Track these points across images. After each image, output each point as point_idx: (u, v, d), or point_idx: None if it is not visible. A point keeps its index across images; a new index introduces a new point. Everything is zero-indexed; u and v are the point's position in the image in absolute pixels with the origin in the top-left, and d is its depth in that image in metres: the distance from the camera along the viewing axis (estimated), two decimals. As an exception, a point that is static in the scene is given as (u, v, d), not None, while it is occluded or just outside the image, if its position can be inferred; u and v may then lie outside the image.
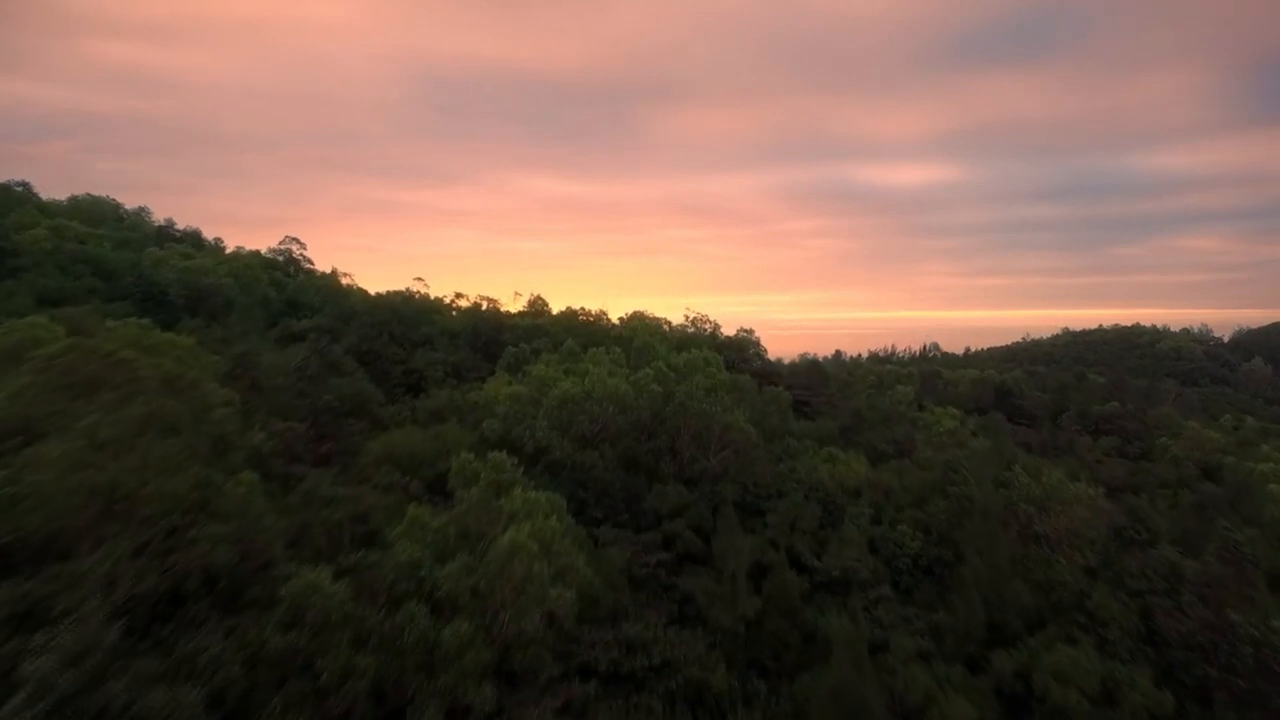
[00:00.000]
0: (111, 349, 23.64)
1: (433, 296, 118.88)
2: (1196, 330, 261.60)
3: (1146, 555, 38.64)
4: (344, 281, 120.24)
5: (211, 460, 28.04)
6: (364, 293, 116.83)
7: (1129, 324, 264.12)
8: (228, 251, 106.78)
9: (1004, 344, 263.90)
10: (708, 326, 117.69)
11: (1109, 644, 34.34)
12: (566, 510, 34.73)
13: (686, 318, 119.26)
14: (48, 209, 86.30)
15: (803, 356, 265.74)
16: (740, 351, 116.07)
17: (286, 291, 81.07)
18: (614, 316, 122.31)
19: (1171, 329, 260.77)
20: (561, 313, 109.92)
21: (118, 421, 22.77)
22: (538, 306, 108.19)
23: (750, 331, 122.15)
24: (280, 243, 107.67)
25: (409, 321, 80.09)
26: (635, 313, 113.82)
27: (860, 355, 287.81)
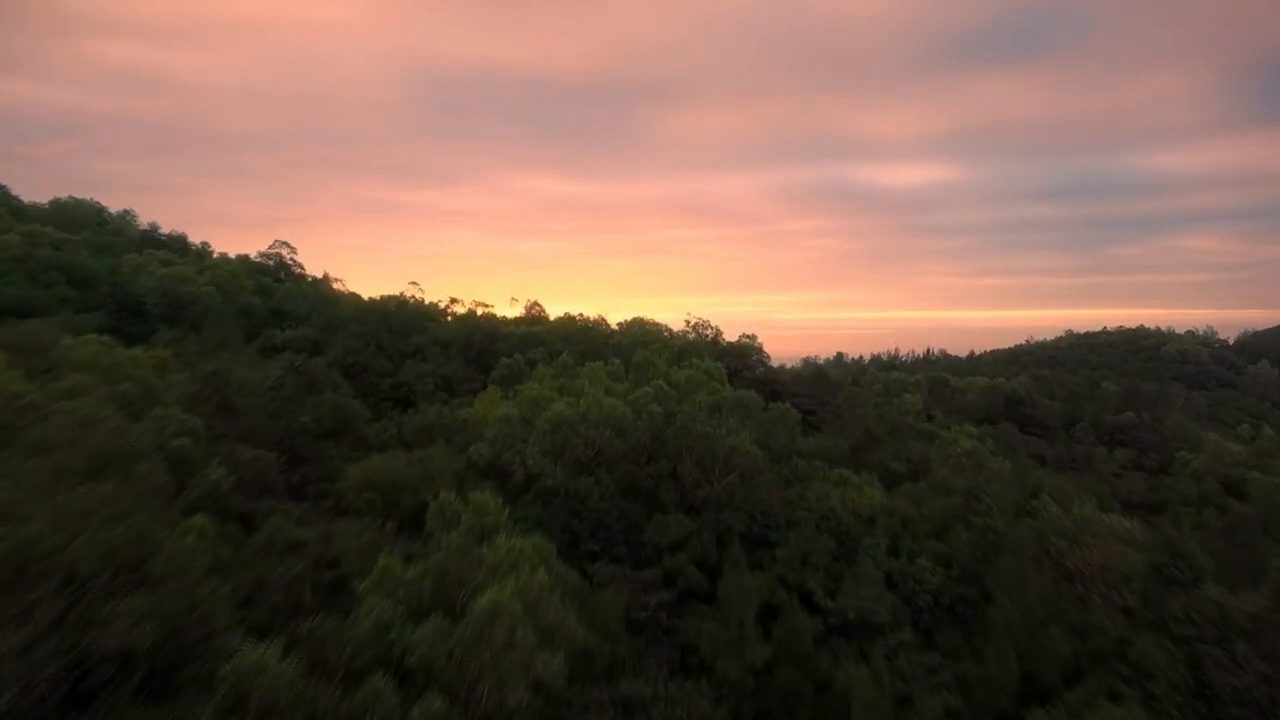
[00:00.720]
0: (20, 390, 20.41)
1: (427, 301, 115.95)
2: (1201, 333, 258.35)
3: (1190, 596, 35.34)
4: (336, 287, 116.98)
5: (156, 507, 24.71)
6: (357, 298, 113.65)
7: (1133, 326, 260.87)
8: (215, 256, 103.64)
9: (1007, 346, 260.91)
10: (709, 332, 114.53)
11: (1155, 700, 31.04)
12: (558, 552, 31.48)
13: (687, 323, 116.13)
14: (25, 213, 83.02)
15: (806, 361, 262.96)
16: (743, 358, 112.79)
17: (273, 299, 77.75)
18: (613, 322, 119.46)
19: (1176, 331, 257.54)
20: (559, 319, 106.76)
21: (31, 472, 19.45)
22: (534, 313, 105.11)
23: (753, 337, 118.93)
24: (270, 247, 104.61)
25: (399, 330, 76.82)
26: (635, 319, 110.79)
27: (862, 358, 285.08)
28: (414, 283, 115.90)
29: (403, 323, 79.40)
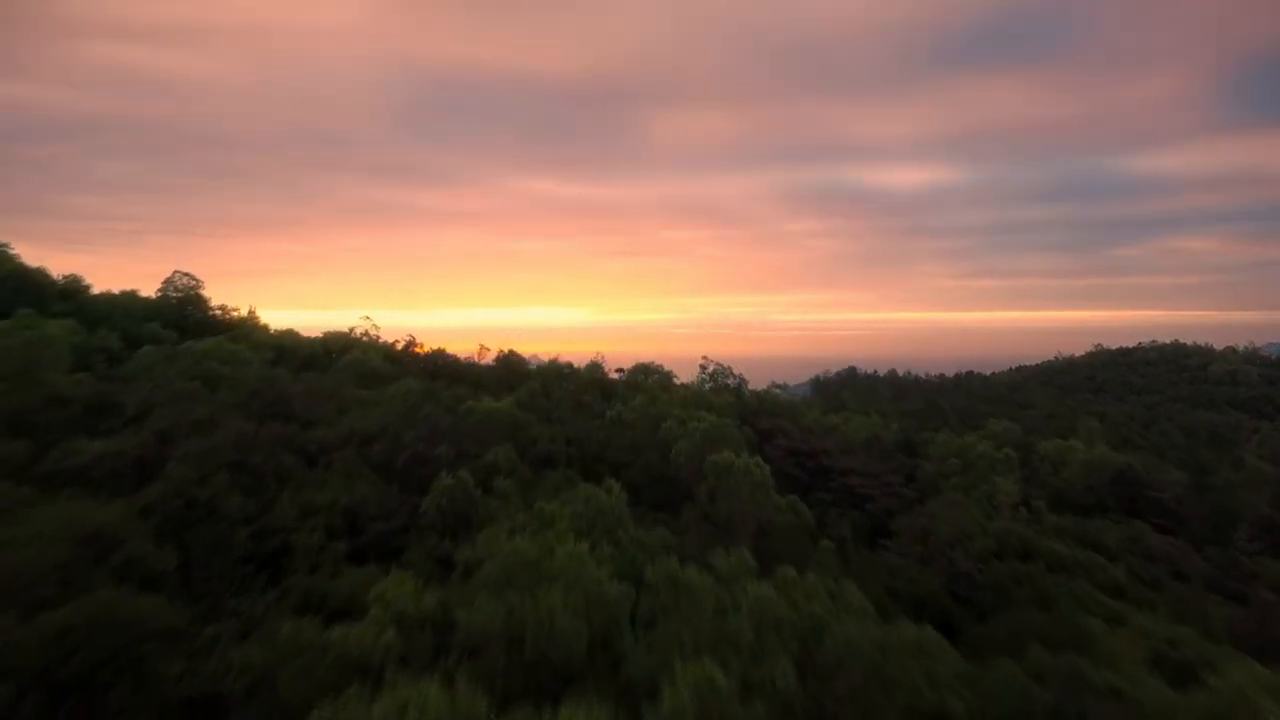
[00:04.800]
0: None
1: (382, 339, 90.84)
2: (1243, 349, 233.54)
3: None
4: (269, 325, 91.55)
5: None
6: (294, 335, 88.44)
7: (1169, 341, 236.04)
8: (94, 293, 77.99)
9: (1036, 361, 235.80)
10: (730, 379, 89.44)
11: None
12: None
13: (703, 368, 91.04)
14: None
15: (816, 380, 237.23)
16: (771, 415, 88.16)
17: (113, 373, 52.10)
18: (610, 356, 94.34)
19: (1214, 346, 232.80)
20: (542, 371, 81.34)
21: None
22: (510, 365, 79.54)
23: (783, 386, 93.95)
24: (168, 280, 79.02)
25: (300, 418, 51.50)
26: (638, 367, 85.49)
27: (877, 371, 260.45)
28: (367, 316, 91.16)
29: (310, 403, 54.04)
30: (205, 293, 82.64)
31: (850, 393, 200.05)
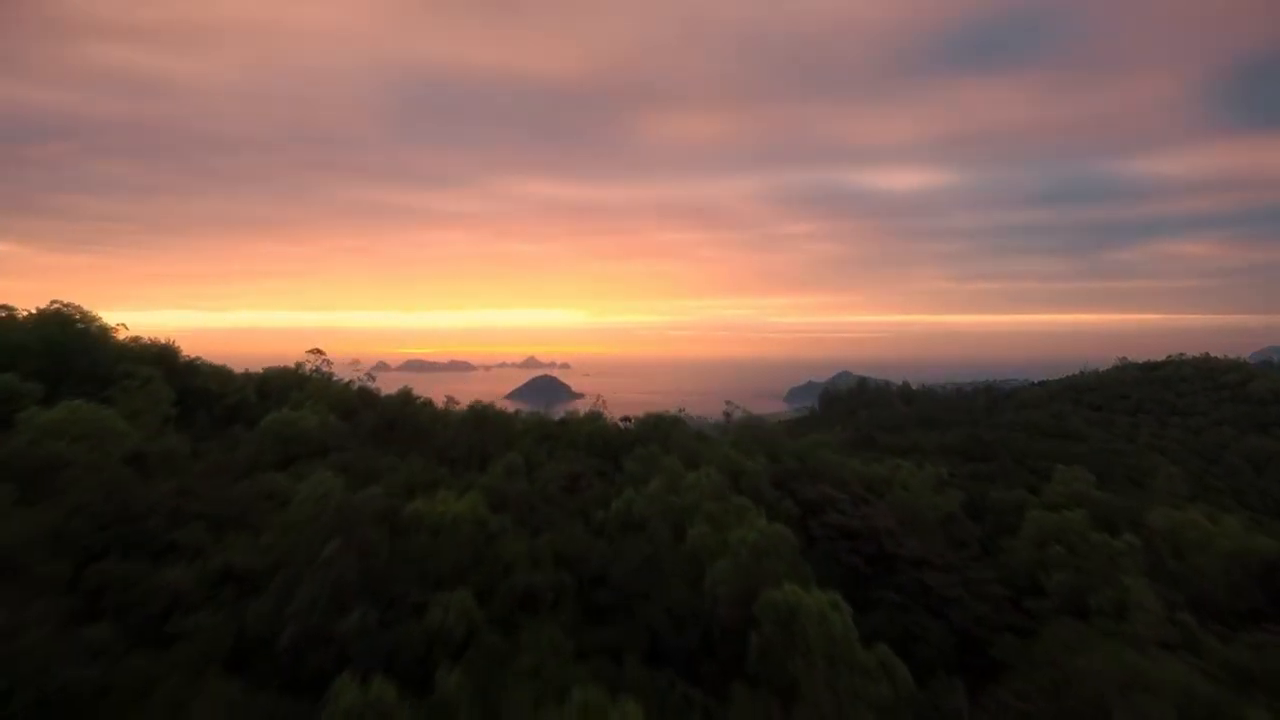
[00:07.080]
0: None
1: (335, 375, 72.79)
2: (1277, 360, 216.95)
3: None
4: (202, 358, 73.22)
5: None
6: (224, 373, 70.47)
7: (1199, 354, 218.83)
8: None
9: (1060, 376, 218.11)
10: (762, 433, 71.28)
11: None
12: None
13: (726, 414, 73.03)
14: None
15: (825, 391, 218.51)
16: (812, 476, 70.24)
17: None
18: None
19: (1247, 360, 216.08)
20: (529, 427, 62.87)
21: None
22: (484, 421, 60.82)
23: (823, 444, 75.91)
24: (45, 311, 60.41)
25: (158, 540, 33.33)
26: (650, 418, 67.26)
27: (889, 382, 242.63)
28: (317, 350, 72.97)
29: (177, 511, 35.68)
30: (106, 324, 63.99)
31: (866, 411, 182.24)
